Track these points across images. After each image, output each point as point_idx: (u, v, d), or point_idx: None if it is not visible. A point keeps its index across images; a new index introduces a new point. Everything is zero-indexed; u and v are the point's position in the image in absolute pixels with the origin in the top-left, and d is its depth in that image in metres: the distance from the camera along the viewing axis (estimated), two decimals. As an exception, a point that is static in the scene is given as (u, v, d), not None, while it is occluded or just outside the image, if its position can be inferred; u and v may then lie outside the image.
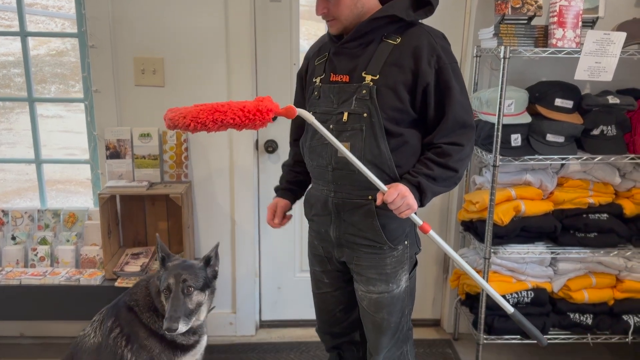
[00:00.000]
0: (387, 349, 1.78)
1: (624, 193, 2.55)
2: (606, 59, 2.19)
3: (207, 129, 1.39)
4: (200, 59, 2.58)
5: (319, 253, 1.84)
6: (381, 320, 1.73)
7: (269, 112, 1.41)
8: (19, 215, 2.66)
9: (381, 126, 1.55)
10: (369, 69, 1.56)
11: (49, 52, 4.84)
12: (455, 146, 1.56)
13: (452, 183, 1.62)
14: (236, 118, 1.38)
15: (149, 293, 1.83)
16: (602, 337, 2.55)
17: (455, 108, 1.55)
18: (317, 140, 1.66)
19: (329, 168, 1.65)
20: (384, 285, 1.70)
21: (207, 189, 2.73)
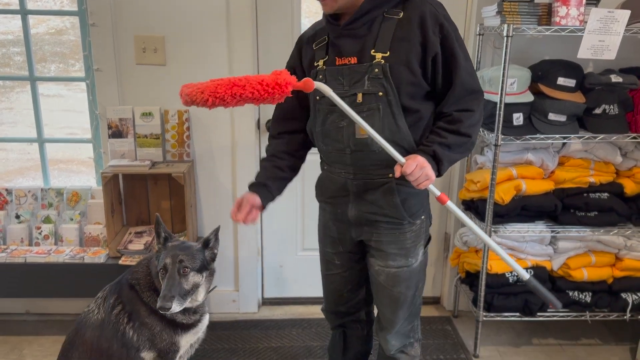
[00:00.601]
0: (400, 322, 1.81)
1: (625, 172, 2.56)
2: (610, 37, 2.17)
3: (225, 104, 1.35)
4: (201, 37, 2.56)
5: (332, 234, 1.83)
6: (398, 295, 1.74)
7: (287, 85, 1.37)
8: (23, 194, 2.68)
9: (398, 103, 1.54)
10: (378, 47, 1.54)
11: (48, 30, 4.80)
12: (466, 112, 1.56)
13: (466, 149, 1.60)
14: (255, 92, 1.35)
15: (149, 272, 1.84)
16: (601, 315, 2.59)
17: (462, 75, 1.53)
18: (331, 124, 1.63)
19: (347, 151, 1.62)
20: (404, 259, 1.71)
21: (209, 168, 2.74)
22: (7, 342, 2.66)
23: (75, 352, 1.81)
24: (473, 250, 2.66)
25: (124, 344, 1.79)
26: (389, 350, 1.87)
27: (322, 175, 1.82)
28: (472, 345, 2.61)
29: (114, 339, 1.79)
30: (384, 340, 1.87)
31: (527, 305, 2.52)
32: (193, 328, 1.89)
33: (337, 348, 2.07)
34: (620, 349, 2.66)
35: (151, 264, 1.86)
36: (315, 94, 1.64)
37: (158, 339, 1.80)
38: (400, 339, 1.85)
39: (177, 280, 1.73)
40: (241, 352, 2.59)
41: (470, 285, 2.70)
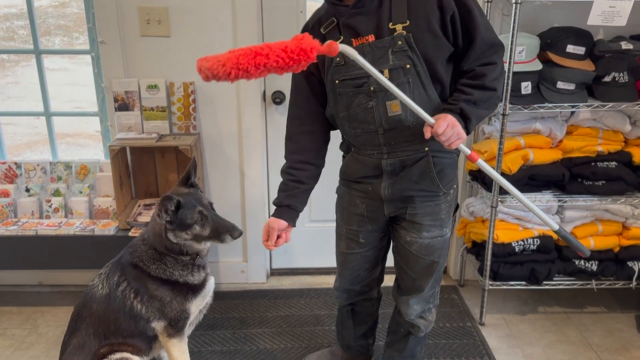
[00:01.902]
0: (428, 288, 1.83)
1: (633, 141, 2.54)
2: (621, 2, 2.13)
3: (248, 75, 1.27)
4: (205, 8, 2.53)
5: (360, 212, 1.79)
6: (431, 263, 1.76)
7: (312, 50, 1.29)
8: (32, 168, 2.70)
9: (426, 73, 1.50)
10: (395, 19, 1.49)
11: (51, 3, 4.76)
12: (488, 65, 1.52)
13: (493, 104, 1.57)
14: (280, 60, 1.27)
15: (149, 247, 1.86)
16: (607, 283, 2.60)
17: (480, 30, 1.50)
18: (357, 106, 1.58)
19: (379, 131, 1.58)
20: (438, 230, 1.72)
21: (216, 141, 2.75)
22: (21, 312, 2.72)
23: (83, 323, 1.85)
24: (479, 220, 2.67)
25: (132, 316, 1.83)
26: (408, 315, 1.88)
27: (348, 159, 1.77)
28: (478, 313, 2.65)
29: (120, 312, 1.82)
30: (406, 305, 1.88)
31: (533, 274, 2.54)
32: (202, 290, 1.92)
33: (346, 324, 2.10)
34: (626, 316, 2.69)
35: (151, 236, 1.87)
36: (334, 77, 1.59)
37: (168, 308, 1.84)
38: (422, 304, 1.88)
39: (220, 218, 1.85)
40: (250, 321, 2.63)
41: (476, 254, 2.72)
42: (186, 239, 1.83)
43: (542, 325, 2.62)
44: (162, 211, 1.78)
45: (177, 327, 1.87)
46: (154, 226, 1.87)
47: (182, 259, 1.86)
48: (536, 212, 1.57)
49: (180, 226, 1.80)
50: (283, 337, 2.52)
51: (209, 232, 1.83)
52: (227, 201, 2.85)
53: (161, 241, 1.84)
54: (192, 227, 1.81)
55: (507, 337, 2.53)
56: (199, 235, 1.83)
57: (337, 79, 1.59)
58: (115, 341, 1.83)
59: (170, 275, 1.85)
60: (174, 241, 1.82)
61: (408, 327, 1.94)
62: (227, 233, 1.83)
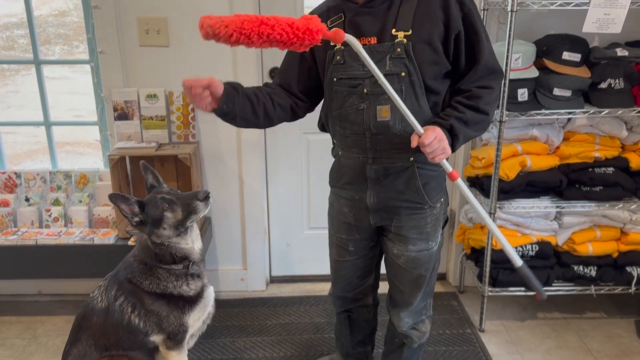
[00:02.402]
0: (417, 301, 1.82)
1: (630, 146, 2.55)
2: (615, 10, 2.15)
3: (249, 42, 1.23)
4: (204, 18, 2.55)
5: (348, 221, 1.78)
6: (418, 276, 1.75)
7: (319, 32, 1.27)
8: (32, 177, 2.71)
9: (421, 84, 1.50)
10: (399, 26, 1.49)
11: (51, 12, 4.78)
12: (485, 89, 1.53)
13: (483, 128, 1.57)
14: (284, 34, 1.24)
15: (140, 261, 1.84)
16: (606, 289, 2.60)
17: (485, 54, 1.51)
18: (350, 106, 1.58)
19: (366, 135, 1.58)
20: (424, 243, 1.71)
21: (215, 149, 2.76)
22: (21, 322, 2.72)
23: (84, 334, 1.84)
24: (478, 226, 2.67)
25: (131, 330, 1.82)
26: (400, 327, 1.89)
27: (336, 162, 1.77)
28: (477, 320, 2.65)
29: (119, 326, 1.81)
30: (397, 317, 1.88)
31: (532, 280, 2.54)
32: (199, 301, 1.88)
33: (344, 332, 2.10)
34: (625, 322, 2.69)
35: (140, 250, 1.85)
36: (332, 75, 1.60)
37: (166, 322, 1.82)
38: (413, 317, 1.88)
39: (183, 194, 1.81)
40: (250, 329, 2.63)
41: (475, 261, 2.73)
42: (169, 236, 1.77)
43: (542, 331, 2.62)
44: (126, 214, 1.73)
45: (176, 340, 1.85)
46: (140, 239, 1.85)
47: (174, 270, 1.82)
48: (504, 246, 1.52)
49: (154, 222, 1.75)
50: (283, 346, 2.52)
51: (181, 212, 1.76)
52: (226, 209, 2.86)
53: (149, 251, 1.81)
54: (164, 217, 1.75)
55: (507, 344, 2.53)
56: (176, 223, 1.76)
57: (335, 77, 1.59)
58: (116, 353, 1.82)
59: (165, 289, 1.81)
60: (158, 242, 1.78)
61: (402, 338, 1.94)
62: (194, 199, 1.76)
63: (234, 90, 1.58)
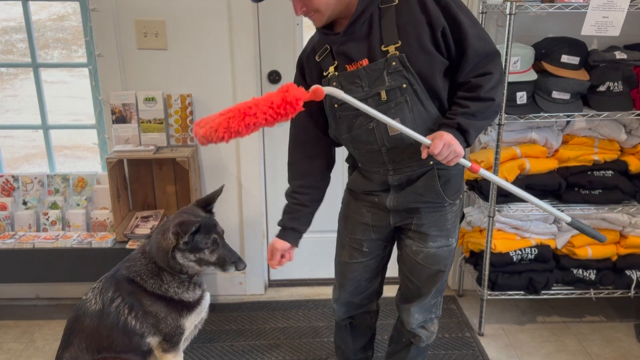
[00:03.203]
0: (430, 296, 1.83)
1: (629, 150, 2.55)
2: (614, 13, 2.15)
3: (240, 135, 1.33)
4: (202, 20, 2.55)
5: (365, 221, 1.79)
6: (437, 272, 1.75)
7: (297, 101, 1.33)
8: (29, 181, 2.70)
9: (423, 90, 1.51)
10: (387, 40, 1.49)
11: (50, 16, 4.79)
12: (484, 76, 1.51)
13: (492, 113, 1.55)
14: (268, 117, 1.32)
15: (149, 261, 1.86)
16: (605, 292, 2.60)
17: (471, 41, 1.49)
18: (359, 128, 1.58)
19: (382, 150, 1.59)
20: (445, 240, 1.72)
21: (213, 152, 2.75)
22: (18, 326, 2.71)
23: (76, 338, 1.84)
24: (477, 229, 2.67)
25: (126, 332, 1.81)
26: (410, 324, 1.87)
27: (356, 174, 1.78)
28: (477, 323, 2.64)
29: (114, 328, 1.81)
30: (407, 313, 1.87)
31: (531, 283, 2.54)
32: (197, 307, 1.91)
33: (346, 339, 2.08)
34: (625, 325, 2.68)
35: (153, 250, 1.85)
36: (332, 102, 1.60)
37: (163, 324, 1.83)
38: (424, 313, 1.87)
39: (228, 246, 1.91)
40: (248, 333, 2.62)
41: (474, 264, 2.72)
42: (191, 260, 1.83)
43: (541, 335, 2.61)
44: (181, 233, 1.77)
45: (172, 342, 1.86)
46: (160, 241, 1.84)
47: (179, 276, 1.86)
48: (547, 209, 1.61)
49: (192, 249, 1.81)
50: (281, 350, 2.50)
51: (215, 259, 1.86)
52: (225, 212, 2.85)
53: (165, 257, 1.82)
54: (202, 252, 1.82)
55: (506, 347, 2.52)
56: (204, 260, 1.84)
57: (336, 102, 1.59)
58: (109, 355, 1.82)
59: (166, 292, 1.84)
60: (180, 261, 1.82)
61: (410, 337, 1.93)
62: (232, 264, 1.88)
63: (292, 231, 1.81)
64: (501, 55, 1.59)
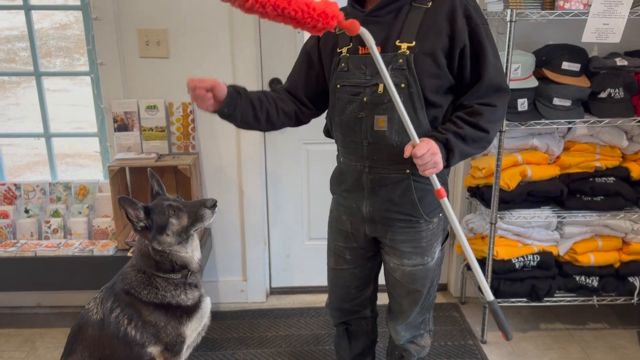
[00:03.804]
0: (413, 315, 1.81)
1: (631, 156, 2.54)
2: (614, 20, 2.16)
3: (263, 13, 1.23)
4: (203, 29, 2.56)
5: (346, 228, 1.78)
6: (414, 291, 1.73)
7: (334, 18, 1.27)
8: (31, 189, 2.71)
9: (420, 97, 1.49)
10: (403, 37, 1.49)
11: (52, 25, 4.80)
12: (488, 106, 1.50)
13: (482, 146, 1.54)
14: (299, 12, 1.23)
15: (138, 272, 1.84)
16: (608, 299, 2.59)
17: (490, 71, 1.48)
18: (350, 114, 1.58)
19: (364, 143, 1.58)
20: (419, 258, 1.69)
21: (215, 160, 2.76)
22: (19, 334, 2.70)
23: (79, 346, 1.83)
24: (479, 236, 2.66)
25: (127, 342, 1.80)
26: (398, 341, 1.87)
27: (337, 167, 1.78)
28: (479, 331, 2.63)
29: (114, 337, 1.80)
30: (394, 330, 1.87)
31: (533, 290, 2.53)
32: (197, 312, 1.88)
33: (343, 344, 2.07)
34: (628, 332, 2.67)
35: (139, 258, 1.84)
36: (336, 81, 1.61)
37: (163, 333, 1.81)
38: (410, 331, 1.86)
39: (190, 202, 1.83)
40: (250, 341, 2.61)
41: (476, 271, 2.71)
42: (171, 243, 1.77)
43: (544, 343, 2.60)
44: (133, 218, 1.73)
45: (174, 352, 1.84)
46: (139, 247, 1.84)
47: (172, 279, 1.82)
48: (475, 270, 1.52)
49: (159, 229, 1.75)
50: (283, 358, 2.49)
51: (186, 219, 1.78)
52: (226, 220, 2.85)
53: (148, 259, 1.80)
54: (169, 224, 1.75)
55: (509, 355, 2.51)
56: (180, 229, 1.77)
57: (339, 83, 1.60)
58: None
59: (163, 298, 1.81)
60: (159, 249, 1.77)
61: (401, 351, 1.92)
62: (202, 207, 1.78)
63: (237, 93, 1.59)
64: (510, 93, 1.58)
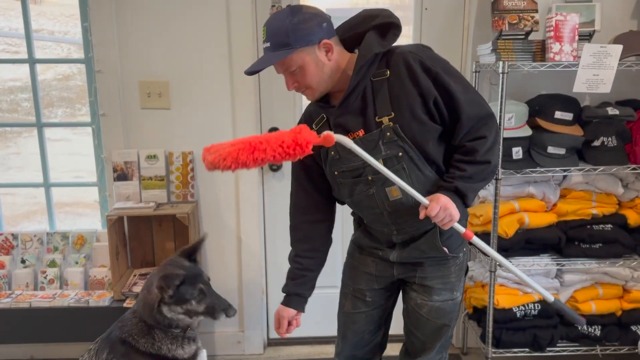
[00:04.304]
0: (435, 351, 1.80)
1: (627, 203, 2.56)
2: (604, 71, 2.22)
3: (247, 167, 1.36)
4: (204, 81, 2.62)
5: (369, 271, 1.80)
6: (442, 326, 1.74)
7: (307, 144, 1.36)
8: (28, 239, 2.70)
9: (419, 157, 1.54)
10: (380, 112, 1.54)
11: (55, 76, 4.91)
12: (478, 140, 1.54)
13: (488, 175, 1.58)
14: (276, 155, 1.35)
15: (139, 320, 1.83)
16: (612, 349, 2.55)
17: (463, 108, 1.52)
18: (359, 194, 1.63)
19: (384, 214, 1.62)
20: (449, 293, 1.71)
21: (213, 209, 2.76)
22: (10, 389, 2.63)
23: None
24: (479, 285, 2.64)
25: None
26: None
27: (361, 231, 1.81)
28: (482, 382, 2.57)
29: None
30: None
31: (536, 340, 2.49)
32: None
33: None
34: (634, 383, 2.61)
35: (141, 307, 1.83)
36: (332, 169, 1.64)
37: None
38: None
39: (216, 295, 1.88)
40: (247, 395, 2.55)
41: (478, 320, 2.67)
42: (179, 313, 1.81)
43: (549, 395, 2.54)
44: (166, 286, 1.76)
45: None
46: (145, 297, 1.83)
47: (172, 332, 1.82)
48: (532, 285, 1.59)
49: (178, 301, 1.79)
50: (281, 412, 2.43)
51: (203, 309, 1.83)
52: (223, 268, 2.83)
53: (151, 313, 1.79)
54: (189, 303, 1.80)
55: (513, 408, 2.45)
56: (193, 311, 1.82)
57: (336, 170, 1.64)
58: None
59: (159, 350, 1.79)
60: (167, 315, 1.79)
61: None
62: (222, 312, 1.85)
63: (297, 297, 1.81)
64: (496, 116, 1.62)
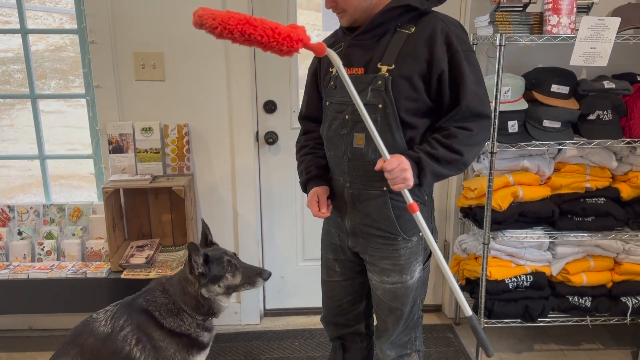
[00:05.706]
0: (397, 334, 1.82)
1: (620, 177, 2.58)
2: (601, 44, 2.21)
3: (232, 38, 1.31)
4: (199, 52, 2.60)
5: (334, 241, 1.85)
6: (395, 309, 1.76)
7: (298, 41, 1.33)
8: (25, 211, 2.70)
9: (396, 117, 1.53)
10: (384, 60, 1.55)
11: (47, 47, 4.85)
12: (464, 130, 1.53)
13: (456, 168, 1.56)
14: (264, 36, 1.30)
15: (170, 301, 1.86)
16: (601, 319, 2.59)
17: (469, 97, 1.51)
18: (333, 130, 1.66)
19: (344, 159, 1.65)
20: (398, 276, 1.71)
21: (209, 181, 2.77)
22: (11, 358, 2.67)
23: (73, 350, 1.80)
24: (472, 257, 2.68)
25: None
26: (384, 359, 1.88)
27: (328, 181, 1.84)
28: (474, 352, 2.63)
29: (115, 354, 1.78)
30: (380, 349, 1.88)
31: (527, 311, 2.54)
32: (206, 348, 1.93)
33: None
34: (622, 352, 2.67)
35: (175, 287, 1.86)
36: (326, 99, 1.68)
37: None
38: (396, 350, 1.86)
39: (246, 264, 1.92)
40: (244, 364, 2.60)
41: (470, 292, 2.71)
42: (218, 293, 1.84)
43: (539, 364, 2.60)
44: (194, 263, 1.78)
45: None
46: (185, 286, 1.85)
47: (196, 319, 1.86)
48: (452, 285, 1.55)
49: (212, 279, 1.82)
50: (277, 380, 2.48)
51: (240, 279, 1.87)
52: (220, 240, 2.82)
53: (190, 299, 1.84)
54: (224, 278, 1.83)
55: (504, 376, 2.51)
56: (231, 285, 1.85)
57: (328, 100, 1.68)
58: None
59: (186, 330, 1.84)
60: (207, 296, 1.83)
61: None
62: (258, 276, 1.89)
63: (323, 180, 1.78)
64: (492, 120, 1.61)
